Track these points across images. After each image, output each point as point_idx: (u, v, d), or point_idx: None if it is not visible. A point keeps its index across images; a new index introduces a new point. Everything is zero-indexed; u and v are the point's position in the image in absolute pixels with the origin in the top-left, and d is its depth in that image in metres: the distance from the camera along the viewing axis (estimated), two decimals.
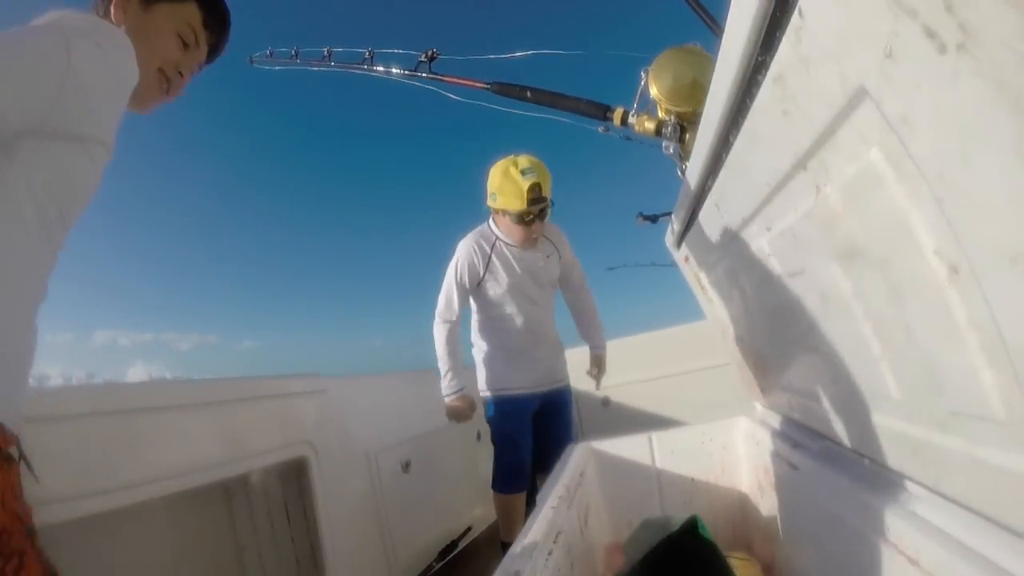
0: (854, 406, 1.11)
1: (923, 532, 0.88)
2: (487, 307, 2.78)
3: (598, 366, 3.01)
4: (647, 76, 1.74)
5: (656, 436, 2.03)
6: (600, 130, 2.01)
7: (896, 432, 0.97)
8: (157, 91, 1.28)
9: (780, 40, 0.65)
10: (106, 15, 1.21)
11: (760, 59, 0.73)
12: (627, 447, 2.04)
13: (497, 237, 2.73)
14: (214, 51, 1.39)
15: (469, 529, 3.37)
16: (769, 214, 1.01)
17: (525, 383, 2.76)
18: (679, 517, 1.55)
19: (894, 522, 0.96)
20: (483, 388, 2.83)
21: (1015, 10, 0.36)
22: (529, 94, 2.27)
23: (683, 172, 1.70)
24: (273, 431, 2.23)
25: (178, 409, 1.79)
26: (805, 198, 0.84)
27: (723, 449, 1.99)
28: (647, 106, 1.80)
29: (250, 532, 2.40)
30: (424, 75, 2.85)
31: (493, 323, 2.80)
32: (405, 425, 3.19)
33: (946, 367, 0.73)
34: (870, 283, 0.80)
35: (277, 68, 4.09)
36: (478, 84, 2.53)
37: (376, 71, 3.22)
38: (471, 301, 2.81)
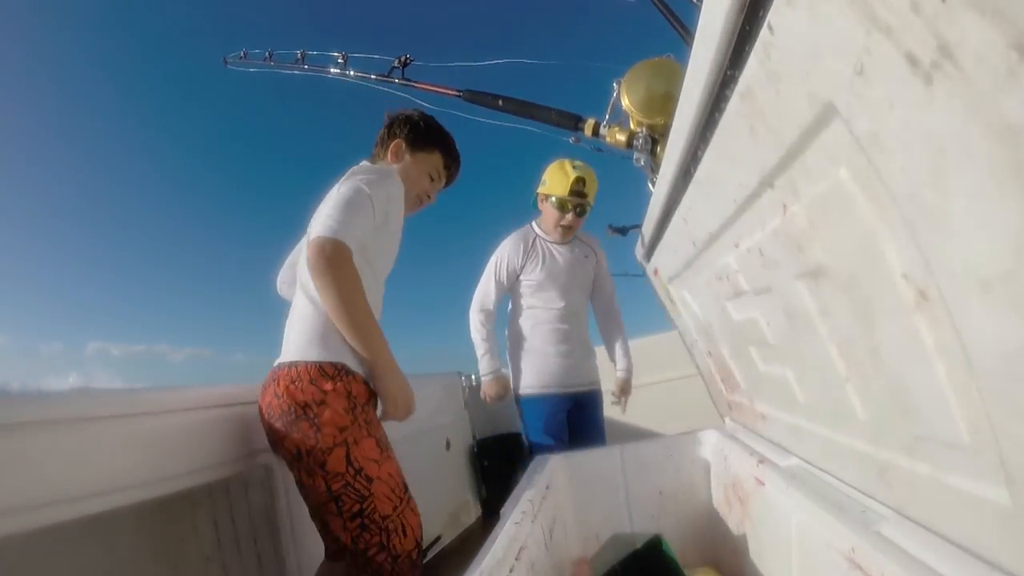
0: (821, 425, 1.10)
1: (887, 554, 0.87)
2: (524, 300, 2.80)
3: (624, 391, 2.98)
4: (620, 87, 1.72)
5: (624, 449, 2.01)
6: (571, 140, 2.00)
7: (862, 453, 0.96)
8: (415, 206, 2.00)
9: (749, 55, 0.63)
10: (385, 155, 1.93)
11: (729, 73, 0.71)
12: (595, 459, 2.02)
13: (537, 234, 2.81)
14: (450, 179, 2.07)
15: (438, 539, 3.32)
16: (737, 230, 1.00)
17: (561, 382, 2.75)
18: (644, 535, 1.53)
19: (859, 543, 0.94)
20: (517, 388, 2.82)
21: (993, 28, 0.35)
22: (501, 103, 2.26)
23: (654, 184, 1.69)
24: (238, 439, 2.17)
25: (139, 417, 1.73)
26: (772, 216, 0.83)
27: (692, 463, 1.98)
28: (619, 118, 1.79)
29: (214, 543, 2.35)
30: (397, 81, 2.84)
31: (529, 318, 2.80)
32: None
33: (913, 392, 0.72)
34: (837, 304, 0.79)
35: (251, 70, 4.06)
36: (450, 91, 2.52)
37: (348, 76, 3.20)
38: (510, 298, 2.86)
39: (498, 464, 3.86)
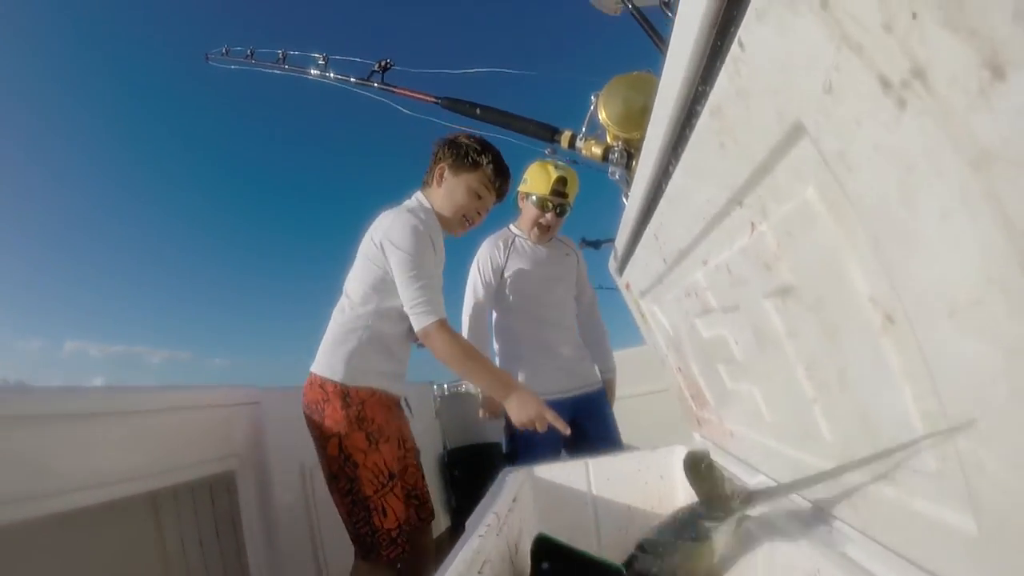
0: (787, 445, 1.09)
1: (853, 574, 0.86)
2: (508, 302, 2.74)
3: (609, 392, 2.93)
4: (597, 101, 1.72)
5: (592, 462, 1.99)
6: (547, 152, 1.99)
7: (828, 473, 0.96)
8: (460, 227, 2.15)
9: (719, 70, 0.62)
10: (432, 180, 2.12)
11: (700, 89, 0.70)
12: (563, 473, 2.00)
13: (515, 234, 2.78)
14: (501, 194, 2.19)
15: None
16: (706, 248, 0.99)
17: (554, 387, 2.64)
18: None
19: (825, 563, 0.93)
20: None
21: (965, 46, 0.33)
22: (479, 111, 2.25)
23: (627, 198, 1.69)
24: (201, 443, 2.14)
25: (100, 417, 1.70)
26: (740, 234, 0.82)
27: (660, 478, 1.96)
28: (596, 131, 1.79)
29: (178, 546, 2.31)
30: (376, 85, 2.82)
31: (514, 320, 2.75)
32: None
33: (879, 415, 0.71)
34: (804, 325, 0.78)
35: (232, 67, 4.03)
36: (428, 98, 2.51)
37: (328, 77, 3.18)
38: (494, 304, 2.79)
39: (468, 474, 3.84)
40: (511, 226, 2.83)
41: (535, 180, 2.65)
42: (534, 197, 2.64)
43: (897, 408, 0.65)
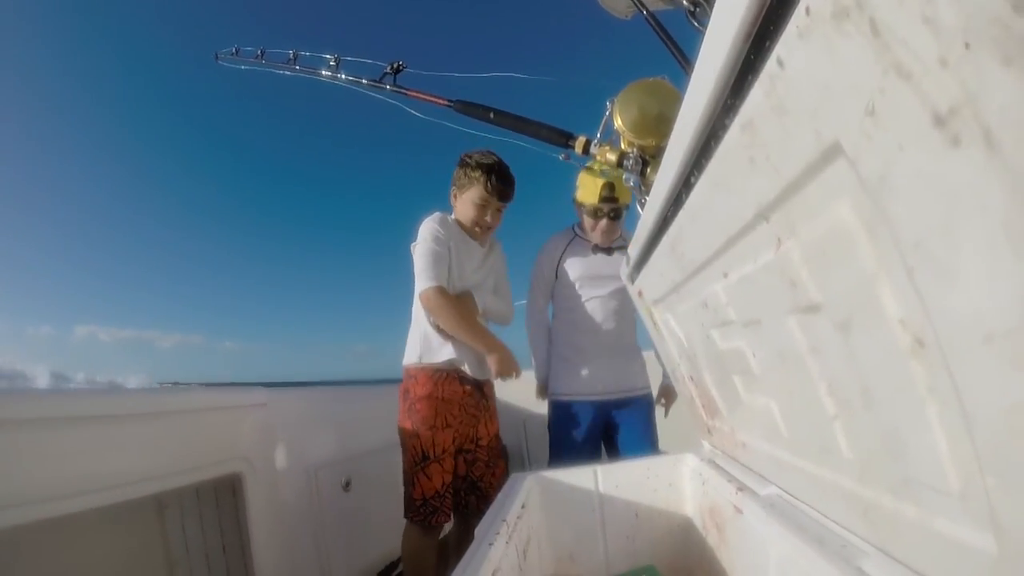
0: (804, 459, 1.09)
1: None
2: (561, 301, 2.82)
3: (665, 395, 3.01)
4: (613, 106, 1.72)
5: (601, 469, 1.99)
6: (561, 157, 1.99)
7: (846, 490, 0.95)
8: (481, 233, 2.52)
9: (752, 85, 0.61)
10: (452, 199, 2.56)
11: (729, 102, 0.70)
12: (571, 478, 2.00)
13: (576, 234, 2.84)
14: (503, 198, 2.50)
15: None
16: (727, 260, 0.98)
17: (589, 389, 2.72)
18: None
19: None
20: (551, 392, 2.82)
21: (1019, 80, 0.33)
22: (492, 115, 2.24)
23: (642, 205, 1.68)
24: (208, 445, 2.14)
25: (106, 419, 1.70)
26: (766, 249, 0.81)
27: (668, 486, 1.96)
28: (610, 137, 1.78)
29: (182, 548, 2.31)
30: (388, 87, 2.82)
31: (565, 320, 2.81)
32: (348, 442, 3.09)
33: (903, 434, 0.71)
34: (828, 343, 0.77)
35: (243, 67, 4.03)
36: (441, 101, 2.50)
37: (339, 79, 3.17)
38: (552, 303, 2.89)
39: None
40: (575, 226, 2.89)
41: (584, 190, 2.69)
42: (586, 206, 2.69)
43: (921, 428, 0.65)
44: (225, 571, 2.35)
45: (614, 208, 2.67)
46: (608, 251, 2.79)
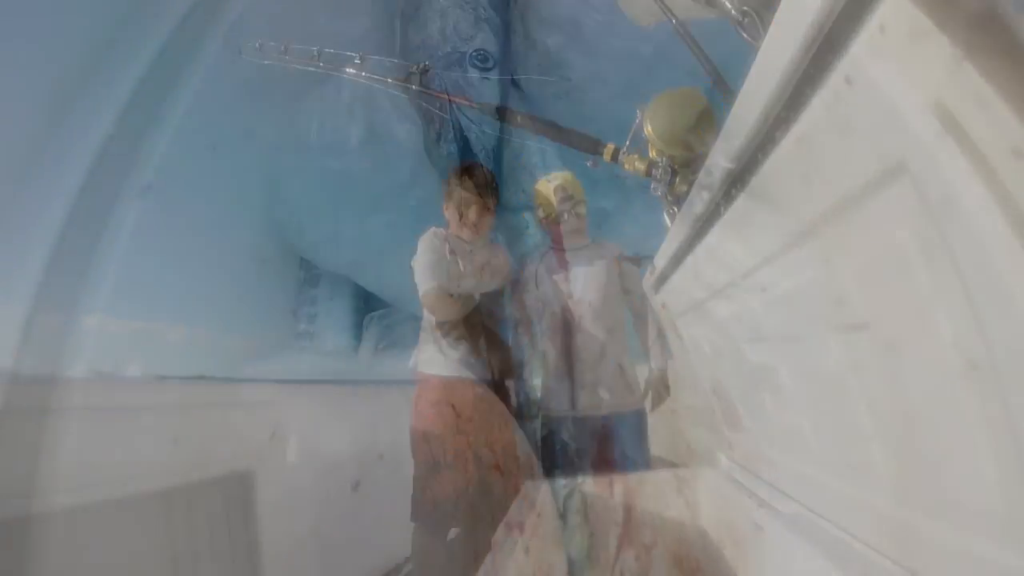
0: (833, 477, 1.08)
1: None
2: (539, 320, 2.70)
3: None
4: (643, 115, 1.71)
5: (618, 479, 1.98)
6: (588, 164, 1.97)
7: (879, 510, 0.94)
8: (471, 237, 2.51)
9: (811, 99, 0.61)
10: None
11: (783, 115, 0.69)
12: (586, 489, 1.99)
13: (548, 248, 2.71)
14: (482, 194, 2.50)
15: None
16: (766, 275, 0.97)
17: (568, 405, 2.59)
18: None
19: None
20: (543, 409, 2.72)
21: None
22: (519, 118, 2.24)
23: (669, 216, 1.67)
24: (219, 441, 2.14)
25: (115, 411, 1.71)
26: (811, 266, 0.80)
27: (684, 501, 1.95)
28: (640, 145, 1.77)
29: (188, 544, 2.30)
30: (413, 87, 2.81)
31: (546, 334, 2.67)
32: (358, 442, 3.08)
33: (946, 456, 0.70)
34: (872, 362, 0.76)
35: (265, 62, 4.04)
36: (465, 101, 2.50)
37: (363, 77, 3.17)
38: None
39: None
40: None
41: (543, 202, 2.66)
42: (552, 218, 2.62)
43: (968, 450, 0.64)
44: (231, 568, 2.35)
45: (574, 203, 2.60)
46: (581, 251, 2.66)
